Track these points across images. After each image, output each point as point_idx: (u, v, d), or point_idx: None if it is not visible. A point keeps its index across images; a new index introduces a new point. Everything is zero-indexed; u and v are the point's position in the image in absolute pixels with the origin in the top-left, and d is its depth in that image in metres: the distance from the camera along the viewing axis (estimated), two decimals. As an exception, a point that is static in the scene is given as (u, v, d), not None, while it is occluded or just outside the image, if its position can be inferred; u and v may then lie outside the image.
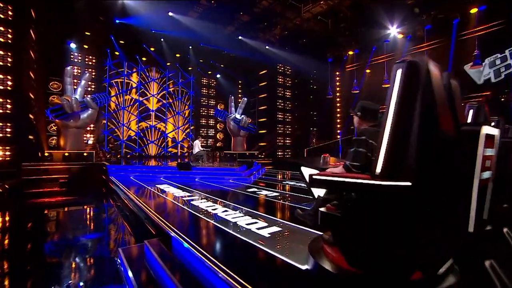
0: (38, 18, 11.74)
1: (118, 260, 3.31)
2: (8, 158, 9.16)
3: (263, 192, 6.62)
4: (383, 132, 1.61)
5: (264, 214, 4.31)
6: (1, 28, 9.04)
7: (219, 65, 20.15)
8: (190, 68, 19.31)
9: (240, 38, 15.79)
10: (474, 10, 11.53)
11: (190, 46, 17.75)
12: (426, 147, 1.52)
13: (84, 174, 9.86)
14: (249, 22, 14.41)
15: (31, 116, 10.82)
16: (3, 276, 3.14)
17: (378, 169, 1.60)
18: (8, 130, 9.20)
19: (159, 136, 18.27)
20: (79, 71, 14.46)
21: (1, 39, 9.04)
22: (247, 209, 4.72)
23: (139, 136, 17.44)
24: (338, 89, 19.16)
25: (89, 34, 14.44)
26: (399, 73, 1.61)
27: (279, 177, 10.43)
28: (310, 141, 20.35)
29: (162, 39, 16.52)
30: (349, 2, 13.30)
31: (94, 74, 15.24)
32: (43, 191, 8.53)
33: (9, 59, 9.16)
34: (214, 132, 21.02)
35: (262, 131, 19.82)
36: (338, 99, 19.18)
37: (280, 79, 20.29)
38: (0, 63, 9.08)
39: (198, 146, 11.72)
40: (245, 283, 2.08)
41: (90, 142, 14.97)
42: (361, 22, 14.50)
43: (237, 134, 16.20)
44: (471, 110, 3.07)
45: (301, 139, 20.46)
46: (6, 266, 3.49)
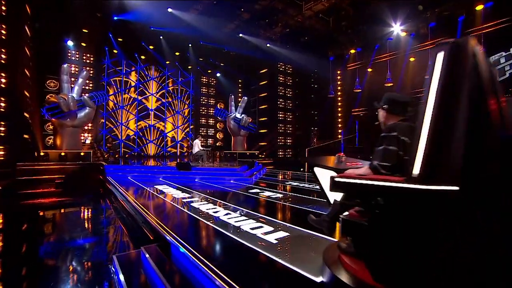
0: (33, 15, 11.47)
1: (112, 268, 3.05)
2: (2, 158, 8.87)
3: (266, 193, 6.37)
4: (421, 126, 1.36)
5: (269, 218, 4.06)
6: (-6, 23, 8.78)
7: (219, 63, 19.88)
8: (189, 66, 19.04)
9: (241, 35, 15.51)
10: (480, 7, 11.28)
11: (190, 44, 17.47)
12: (476, 145, 1.27)
13: (80, 174, 9.65)
14: (250, 19, 14.16)
15: (27, 114, 10.53)
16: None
17: (416, 170, 1.35)
18: (2, 129, 8.91)
19: (158, 135, 18.01)
20: (77, 70, 14.20)
21: (-6, 35, 8.78)
22: (251, 211, 4.47)
23: (138, 135, 17.17)
24: (339, 88, 18.88)
25: (86, 31, 14.15)
26: (441, 57, 1.35)
27: (280, 177, 10.28)
28: (311, 140, 20.12)
29: (161, 37, 16.23)
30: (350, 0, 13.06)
31: (92, 72, 14.95)
32: (38, 192, 8.28)
33: (3, 56, 8.86)
34: (214, 131, 20.75)
35: (262, 131, 19.56)
36: (339, 98, 18.91)
37: (281, 78, 20.01)
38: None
39: (198, 145, 11.46)
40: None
41: (87, 141, 14.73)
42: (363, 20, 14.25)
43: (237, 133, 15.98)
44: None
45: (301, 139, 20.20)
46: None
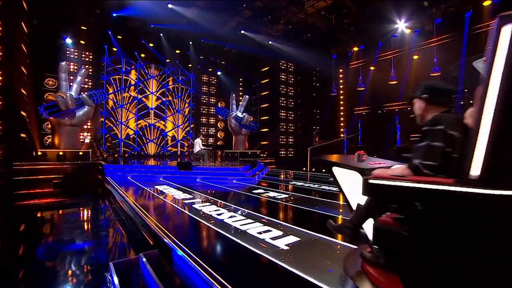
0: (31, 11, 11.20)
1: (109, 276, 2.81)
2: (-2, 158, 8.64)
3: (271, 193, 6.13)
4: (481, 118, 1.12)
5: (276, 220, 3.82)
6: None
7: (220, 61, 19.59)
8: (190, 65, 18.77)
9: (242, 32, 15.21)
10: (487, 3, 10.99)
11: (190, 42, 17.18)
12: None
13: (79, 174, 9.41)
14: (252, 16, 13.87)
15: (24, 113, 10.29)
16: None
17: (475, 171, 1.10)
18: (-3, 127, 8.68)
19: (159, 135, 17.76)
20: (76, 68, 13.95)
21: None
22: (256, 213, 4.23)
23: (138, 134, 16.92)
24: (341, 86, 18.61)
25: (85, 28, 13.88)
26: (507, 31, 1.11)
27: (283, 176, 10.12)
28: (313, 139, 19.86)
29: (161, 34, 15.94)
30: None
31: (91, 70, 14.71)
32: (35, 192, 8.06)
33: (-2, 52, 8.63)
34: (214, 130, 20.50)
35: (264, 130, 19.30)
36: (342, 97, 18.64)
37: (282, 76, 19.73)
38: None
39: (199, 144, 11.22)
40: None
41: (87, 140, 14.50)
42: (366, 17, 13.95)
43: (238, 132, 15.73)
44: None
45: (303, 138, 19.91)
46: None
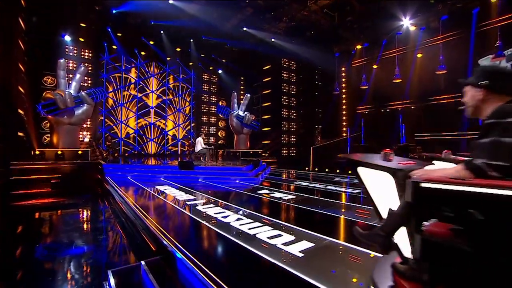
0: (28, 7, 10.95)
1: (107, 286, 2.58)
2: (-6, 157, 8.38)
3: (276, 194, 5.90)
4: None
5: (285, 223, 3.58)
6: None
7: (221, 59, 19.34)
8: (190, 63, 18.52)
9: (244, 29, 14.94)
10: (495, -1, 10.76)
11: (191, 39, 16.92)
12: None
13: (78, 173, 9.18)
14: (254, 13, 13.61)
15: (21, 111, 10.05)
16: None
17: None
18: (-6, 126, 8.41)
19: (159, 133, 17.52)
20: (75, 66, 13.71)
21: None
22: (264, 216, 3.99)
23: (138, 133, 16.69)
24: (344, 85, 18.36)
25: (84, 25, 13.63)
26: None
27: (285, 176, 9.97)
28: (315, 139, 19.63)
29: (162, 32, 15.68)
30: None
31: (90, 68, 14.47)
32: (33, 193, 7.82)
33: (-6, 48, 8.36)
34: (215, 129, 20.26)
35: (265, 129, 19.06)
36: (344, 96, 18.39)
37: (284, 75, 19.47)
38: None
39: (200, 143, 10.98)
40: None
41: (86, 139, 14.28)
42: (370, 14, 13.69)
43: (240, 131, 15.50)
44: None
45: (305, 137, 19.67)
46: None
